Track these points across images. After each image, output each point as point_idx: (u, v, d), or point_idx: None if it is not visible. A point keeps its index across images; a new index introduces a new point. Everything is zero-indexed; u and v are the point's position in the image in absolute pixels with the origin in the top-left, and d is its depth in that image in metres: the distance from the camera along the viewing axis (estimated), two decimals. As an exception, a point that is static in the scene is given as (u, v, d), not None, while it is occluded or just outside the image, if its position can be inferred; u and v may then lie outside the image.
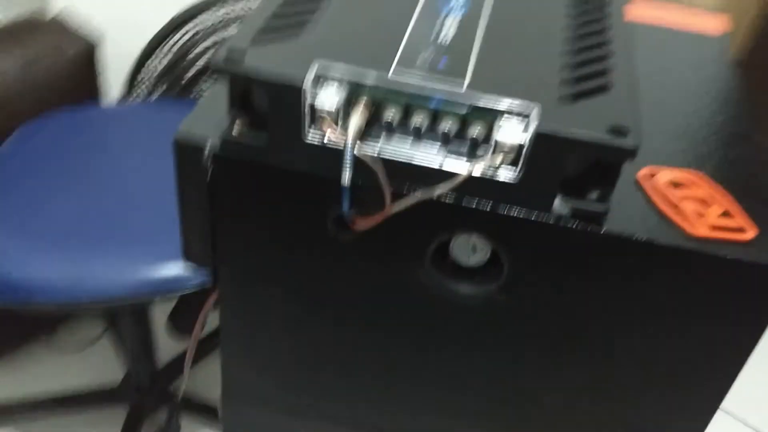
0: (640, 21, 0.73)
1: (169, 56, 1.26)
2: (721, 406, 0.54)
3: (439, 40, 0.51)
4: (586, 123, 0.45)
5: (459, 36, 0.52)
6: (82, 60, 1.25)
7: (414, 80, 0.46)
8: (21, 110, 1.19)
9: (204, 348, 1.32)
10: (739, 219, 0.49)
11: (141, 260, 0.88)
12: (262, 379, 0.62)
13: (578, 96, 0.48)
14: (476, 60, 0.50)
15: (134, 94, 1.31)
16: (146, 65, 1.27)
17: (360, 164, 0.47)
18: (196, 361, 1.30)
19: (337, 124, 0.46)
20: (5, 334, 1.39)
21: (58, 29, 1.26)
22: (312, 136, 0.47)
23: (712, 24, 0.73)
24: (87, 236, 0.92)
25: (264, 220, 0.52)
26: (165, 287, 0.86)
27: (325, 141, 0.47)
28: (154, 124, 1.15)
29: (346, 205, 0.47)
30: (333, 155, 0.47)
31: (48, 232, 0.93)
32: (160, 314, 1.26)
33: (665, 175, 0.52)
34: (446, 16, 0.54)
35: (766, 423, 1.46)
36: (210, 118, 0.51)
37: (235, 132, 0.49)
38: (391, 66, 0.47)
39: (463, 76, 0.48)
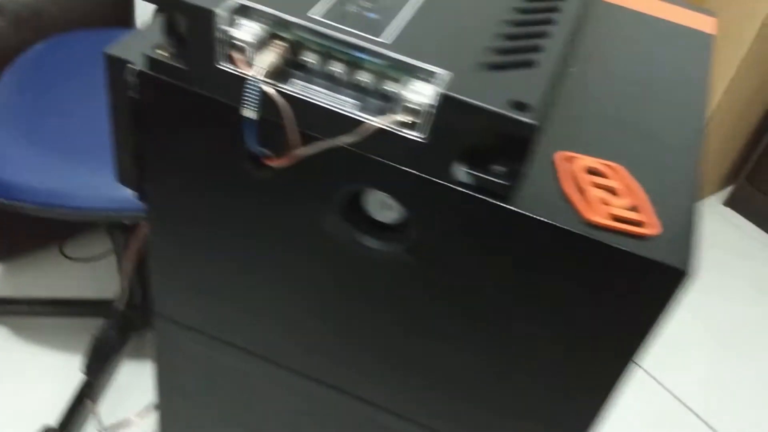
0: (636, 8, 0.71)
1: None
2: (692, 410, 0.53)
3: (380, -5, 0.52)
4: (493, 93, 0.45)
5: (400, -7, 0.52)
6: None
7: (338, 27, 0.47)
8: (53, 23, 1.23)
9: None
10: (645, 215, 0.48)
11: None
12: (184, 299, 0.64)
13: (498, 67, 0.47)
14: (409, 19, 0.50)
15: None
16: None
17: (273, 103, 0.48)
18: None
19: (252, 57, 0.47)
20: (20, 238, 1.46)
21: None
22: (227, 66, 0.48)
23: (705, 23, 0.71)
24: (78, 150, 0.96)
25: (186, 145, 0.54)
26: (132, 207, 0.90)
27: (237, 72, 0.48)
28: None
29: (250, 141, 0.48)
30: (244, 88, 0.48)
31: (46, 141, 0.97)
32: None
33: (583, 161, 0.51)
34: (400, -28, 0.54)
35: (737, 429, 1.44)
36: (146, 41, 0.52)
37: (159, 54, 0.50)
38: (317, 10, 0.48)
39: (390, 32, 0.48)
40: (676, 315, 1.67)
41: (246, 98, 0.46)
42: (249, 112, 0.47)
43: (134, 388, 1.26)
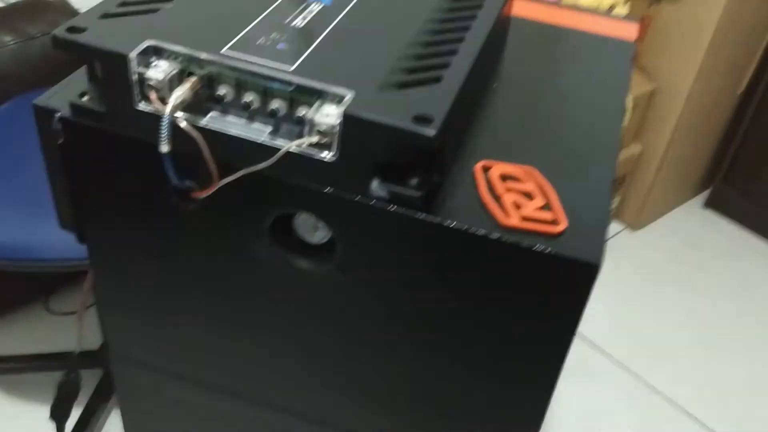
0: (555, 23, 0.73)
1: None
2: (685, 411, 0.54)
3: (291, 25, 0.54)
4: (397, 110, 0.47)
5: (313, 23, 0.54)
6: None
7: (245, 59, 0.49)
8: (16, 83, 1.26)
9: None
10: (556, 213, 0.50)
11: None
12: (134, 336, 0.66)
13: (404, 85, 0.49)
14: (317, 45, 0.52)
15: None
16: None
17: (191, 137, 0.49)
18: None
19: (166, 95, 0.49)
20: (3, 297, 1.48)
21: (59, 9, 1.33)
22: (144, 105, 0.50)
23: (625, 30, 0.73)
24: (41, 205, 0.98)
25: (115, 185, 0.55)
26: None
27: (153, 111, 0.50)
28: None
29: (170, 174, 0.50)
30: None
31: (11, 197, 0.99)
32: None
33: (499, 168, 0.53)
34: (312, 3, 0.57)
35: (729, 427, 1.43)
36: (72, 90, 0.54)
37: (84, 99, 0.52)
38: (227, 44, 0.50)
39: (296, 59, 0.50)
40: (663, 316, 1.67)
41: (161, 134, 0.48)
42: (165, 147, 0.49)
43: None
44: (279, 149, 0.49)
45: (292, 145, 0.48)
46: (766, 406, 1.49)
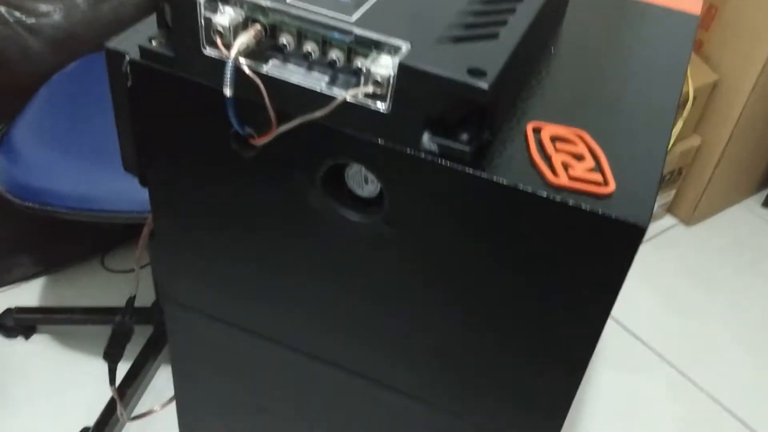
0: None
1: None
2: (731, 412, 0.55)
3: (353, -21, 0.55)
4: (452, 62, 0.48)
5: (376, -22, 0.55)
6: (149, 1, 1.36)
7: (308, 8, 0.50)
8: (87, 44, 1.31)
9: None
10: (606, 175, 0.50)
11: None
12: (189, 282, 0.68)
13: (461, 39, 0.50)
14: (378, 1, 0.53)
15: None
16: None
17: (253, 84, 0.51)
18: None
19: (231, 41, 0.51)
20: (62, 251, 1.54)
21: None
22: (209, 51, 0.52)
23: (690, 4, 0.72)
24: (106, 158, 1.02)
25: (178, 129, 0.58)
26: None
27: (219, 56, 0.51)
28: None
29: (233, 119, 0.52)
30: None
31: (76, 150, 1.04)
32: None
33: (550, 130, 0.53)
34: (375, -39, 0.58)
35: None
36: (143, 34, 0.57)
37: (153, 44, 0.55)
38: (292, -4, 0.52)
39: (357, 11, 0.51)
40: (711, 315, 1.64)
41: (226, 78, 0.50)
42: (228, 91, 0.50)
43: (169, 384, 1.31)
44: (335, 99, 0.50)
45: (348, 95, 0.50)
46: (813, 411, 1.46)
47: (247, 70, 0.50)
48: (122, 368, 1.30)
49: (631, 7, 0.71)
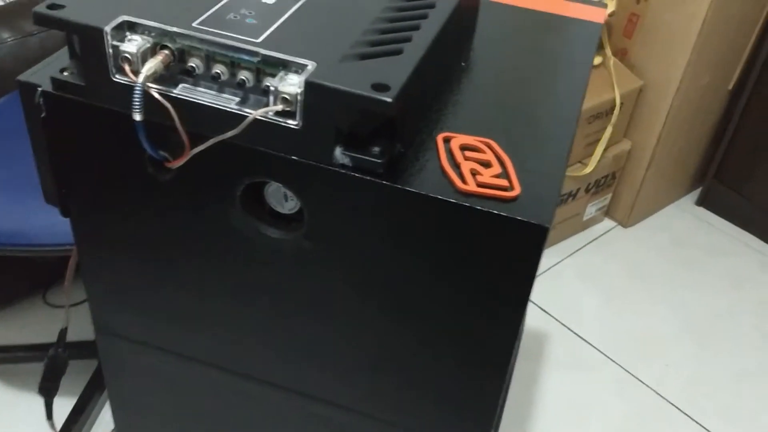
0: (531, 6, 0.76)
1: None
2: (675, 406, 0.56)
3: (262, 2, 0.56)
4: (357, 78, 0.49)
5: (282, 1, 0.57)
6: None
7: (214, 32, 0.51)
8: (14, 79, 1.29)
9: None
10: (511, 180, 0.52)
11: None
12: (118, 310, 0.68)
13: (365, 56, 0.52)
14: (284, 21, 0.54)
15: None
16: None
17: (164, 108, 0.52)
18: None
19: (139, 67, 0.52)
20: (3, 288, 1.51)
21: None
22: (119, 78, 0.53)
23: (594, 14, 0.76)
24: (37, 193, 1.01)
25: (94, 158, 0.58)
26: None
27: (128, 82, 0.52)
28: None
29: (144, 143, 0.53)
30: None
31: (6, 187, 1.02)
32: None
33: (459, 140, 0.55)
34: (283, -17, 0.59)
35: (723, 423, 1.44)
36: (54, 66, 0.57)
37: (65, 74, 0.55)
38: (198, 19, 0.53)
39: (263, 33, 0.52)
40: (654, 312, 1.68)
41: (134, 103, 0.51)
42: (138, 115, 0.51)
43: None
44: (246, 117, 0.52)
45: (258, 113, 0.51)
46: (753, 401, 1.50)
47: (155, 94, 0.51)
48: (68, 404, 1.27)
49: (538, 19, 0.74)
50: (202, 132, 0.53)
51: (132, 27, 0.52)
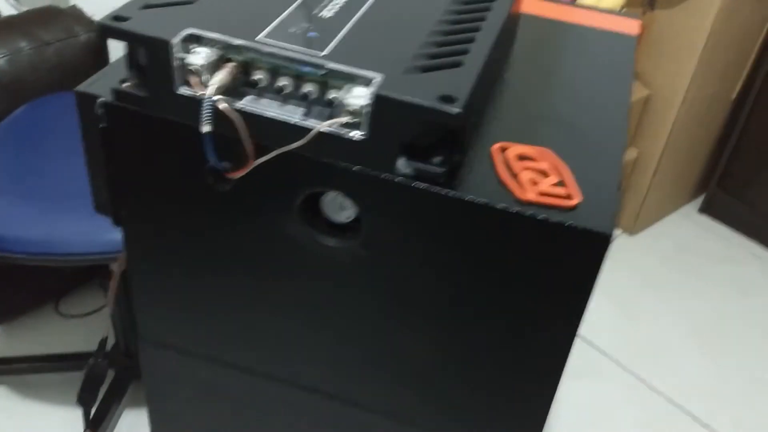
0: (566, 20, 0.77)
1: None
2: (686, 411, 0.57)
3: (319, 16, 0.57)
4: (424, 90, 0.50)
5: (339, 14, 0.58)
6: (92, 45, 1.35)
7: (280, 45, 0.52)
8: (32, 88, 1.30)
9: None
10: (570, 188, 0.53)
11: (105, 225, 0.97)
12: (166, 320, 0.68)
13: (428, 69, 0.53)
14: (345, 34, 0.55)
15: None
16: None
17: (229, 119, 0.53)
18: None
19: (206, 80, 0.52)
20: (16, 299, 1.50)
21: (73, 16, 1.37)
22: (183, 90, 0.53)
23: (628, 26, 0.77)
24: (63, 201, 1.01)
25: (153, 168, 0.59)
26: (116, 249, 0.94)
27: (194, 94, 0.53)
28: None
29: (210, 154, 0.53)
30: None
31: (32, 195, 1.02)
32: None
33: (515, 149, 0.56)
34: (337, -4, 0.60)
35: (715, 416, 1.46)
36: (111, 77, 0.58)
37: (125, 85, 0.56)
38: (262, 33, 0.54)
39: (326, 46, 0.53)
40: (662, 320, 1.70)
41: (204, 115, 0.52)
42: (207, 127, 0.52)
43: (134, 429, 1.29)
44: (311, 130, 0.52)
45: (324, 125, 0.52)
46: (761, 403, 1.52)
47: (223, 106, 0.52)
48: (79, 414, 1.27)
49: (575, 32, 0.75)
50: (266, 143, 0.54)
51: (197, 39, 0.53)
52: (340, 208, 0.59)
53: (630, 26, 0.77)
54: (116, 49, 1.44)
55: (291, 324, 0.64)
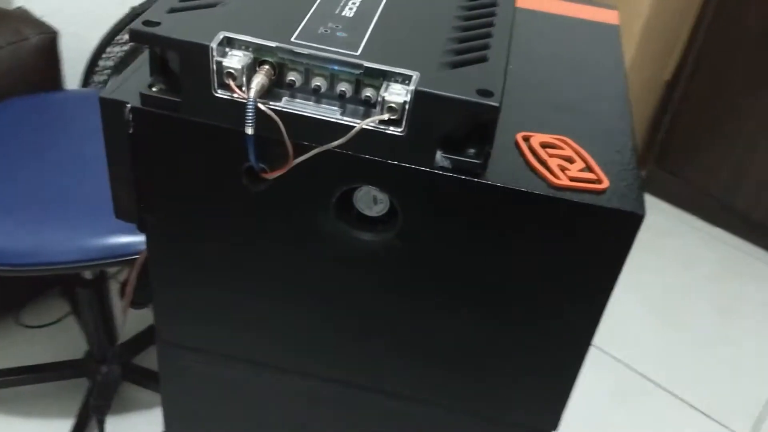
0: (548, 10, 0.80)
1: (127, 47, 1.31)
2: (648, 378, 0.61)
3: (342, 15, 0.58)
4: (460, 85, 0.52)
5: (360, 12, 0.59)
6: (44, 47, 1.30)
7: (314, 46, 0.53)
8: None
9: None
10: (597, 173, 0.56)
11: (92, 229, 0.94)
12: (188, 321, 0.68)
13: (458, 64, 0.55)
14: (371, 32, 0.57)
15: (93, 82, 1.36)
16: (105, 54, 1.33)
17: (266, 120, 0.53)
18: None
19: (242, 82, 0.53)
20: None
21: (21, 18, 1.31)
22: (221, 92, 0.53)
23: (608, 16, 0.81)
24: (44, 208, 0.98)
25: (184, 172, 0.58)
26: (113, 253, 0.92)
27: (232, 96, 0.53)
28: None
29: (252, 155, 0.54)
30: (240, 110, 0.53)
31: (7, 203, 0.99)
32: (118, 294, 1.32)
33: (538, 138, 0.59)
34: (353, -5, 0.61)
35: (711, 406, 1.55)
36: (133, 82, 0.57)
37: (154, 90, 0.55)
38: (293, 34, 0.54)
39: (358, 45, 0.54)
40: (617, 295, 1.78)
41: (247, 118, 0.52)
42: (250, 129, 0.52)
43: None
44: (349, 127, 0.54)
45: (366, 122, 0.53)
46: (710, 364, 1.63)
47: (265, 108, 0.53)
48: (58, 427, 1.23)
49: (558, 22, 0.79)
50: (303, 142, 0.55)
51: (230, 42, 0.53)
52: (372, 201, 0.60)
53: (610, 16, 0.81)
54: (68, 50, 1.40)
55: (319, 317, 0.65)
